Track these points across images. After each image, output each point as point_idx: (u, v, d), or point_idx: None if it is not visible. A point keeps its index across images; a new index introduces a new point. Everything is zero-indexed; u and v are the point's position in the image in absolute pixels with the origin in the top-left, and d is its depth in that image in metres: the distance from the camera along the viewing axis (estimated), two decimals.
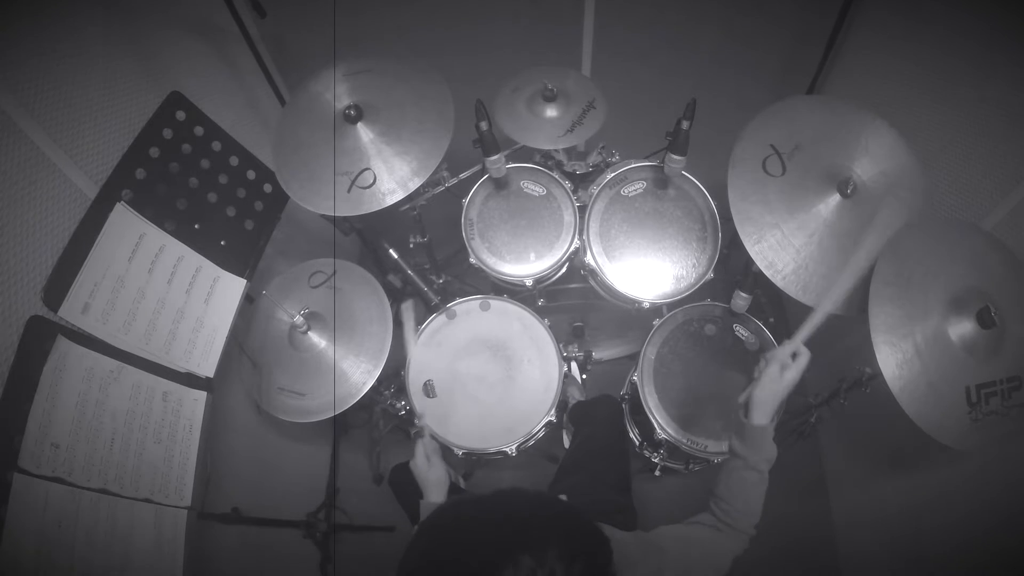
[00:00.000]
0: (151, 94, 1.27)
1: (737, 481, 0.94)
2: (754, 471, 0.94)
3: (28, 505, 0.90)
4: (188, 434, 1.17)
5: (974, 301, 1.06)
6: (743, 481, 0.94)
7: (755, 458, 0.94)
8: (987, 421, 1.05)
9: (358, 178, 1.33)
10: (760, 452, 0.94)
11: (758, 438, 0.95)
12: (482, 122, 1.36)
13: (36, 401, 0.95)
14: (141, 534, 1.04)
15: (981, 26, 1.28)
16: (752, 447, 0.95)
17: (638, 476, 1.48)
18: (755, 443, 0.95)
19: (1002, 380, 1.06)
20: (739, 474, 0.95)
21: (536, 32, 1.86)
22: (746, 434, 0.96)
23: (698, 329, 1.51)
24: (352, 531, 1.93)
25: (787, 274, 1.20)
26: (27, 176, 1.01)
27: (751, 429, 0.95)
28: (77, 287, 1.06)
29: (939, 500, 1.48)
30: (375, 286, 1.47)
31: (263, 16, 1.43)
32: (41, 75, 1.06)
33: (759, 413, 0.95)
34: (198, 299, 1.26)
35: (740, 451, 0.96)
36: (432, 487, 1.12)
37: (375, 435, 2.05)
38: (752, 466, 0.94)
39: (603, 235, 1.49)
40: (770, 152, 1.25)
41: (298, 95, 1.46)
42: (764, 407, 0.95)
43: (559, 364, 1.45)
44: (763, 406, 0.95)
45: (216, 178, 1.36)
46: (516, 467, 1.82)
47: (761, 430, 0.95)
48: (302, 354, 1.41)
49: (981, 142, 1.30)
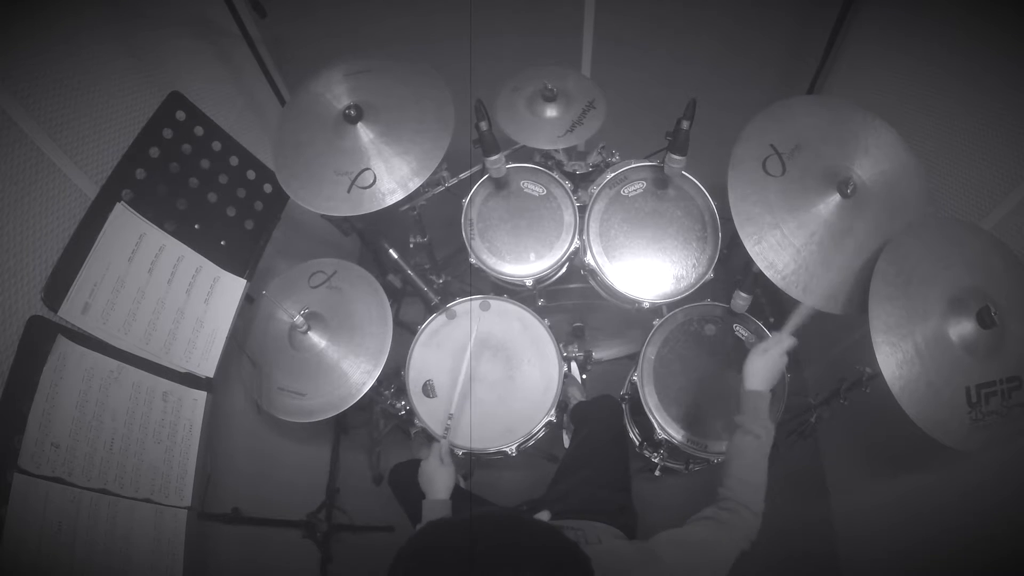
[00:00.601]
0: (151, 94, 1.27)
1: (736, 448, 1.02)
2: (751, 435, 1.01)
3: (28, 505, 0.90)
4: (188, 434, 1.17)
5: (974, 301, 1.06)
6: (742, 447, 1.01)
7: (751, 423, 1.02)
8: (987, 421, 1.04)
9: (358, 178, 1.33)
10: (755, 418, 1.04)
11: (751, 403, 1.06)
12: (482, 122, 1.36)
13: (36, 401, 0.95)
14: (141, 534, 1.04)
15: (981, 26, 1.28)
16: (747, 412, 1.05)
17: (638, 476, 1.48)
18: (750, 408, 1.05)
19: (1002, 380, 1.06)
20: (738, 440, 1.02)
21: (536, 32, 1.86)
22: (742, 401, 1.08)
23: (698, 329, 1.51)
24: (352, 531, 1.93)
25: (787, 274, 1.20)
26: (27, 176, 1.01)
27: (745, 394, 1.08)
28: (77, 287, 1.06)
29: (939, 500, 1.48)
30: (375, 286, 1.47)
31: (263, 16, 1.43)
32: (41, 75, 1.06)
33: (749, 381, 1.09)
34: (198, 299, 1.26)
35: (738, 420, 1.05)
36: (439, 486, 1.17)
37: (375, 435, 2.05)
38: (749, 430, 1.02)
39: (603, 235, 1.49)
40: (770, 152, 1.25)
41: (298, 95, 1.46)
42: (753, 376, 1.09)
43: (559, 364, 1.45)
44: (752, 375, 1.09)
45: (216, 178, 1.36)
46: (516, 467, 1.82)
47: (753, 395, 1.07)
48: (302, 354, 1.41)
49: (981, 142, 1.30)
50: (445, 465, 1.19)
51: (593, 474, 1.37)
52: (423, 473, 1.20)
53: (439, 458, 1.20)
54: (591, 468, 1.40)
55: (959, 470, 1.39)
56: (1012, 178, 1.22)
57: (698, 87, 1.40)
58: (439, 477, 1.18)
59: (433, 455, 1.20)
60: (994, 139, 1.27)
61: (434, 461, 1.19)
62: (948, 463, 1.41)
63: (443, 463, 1.20)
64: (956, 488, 1.41)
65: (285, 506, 1.71)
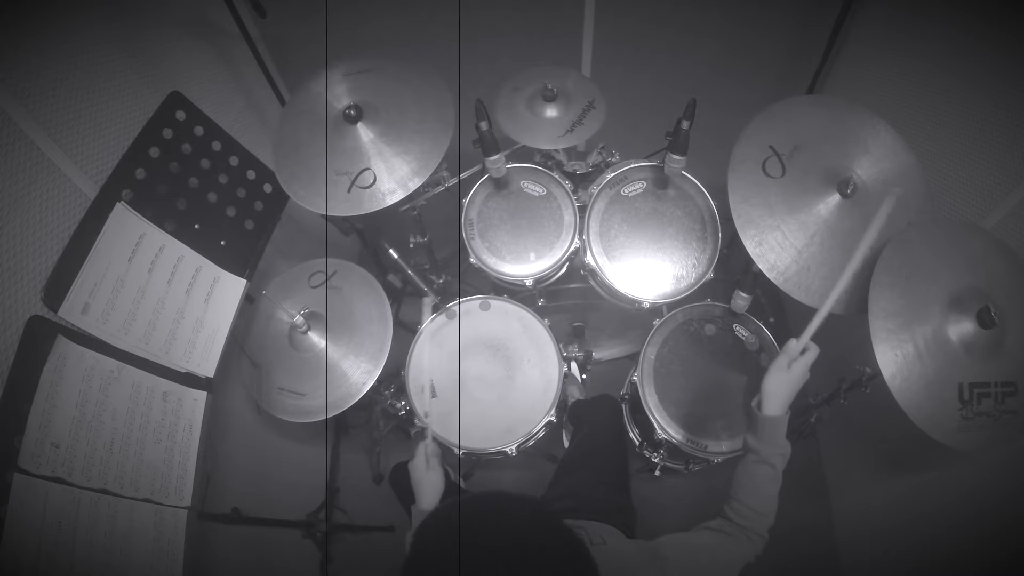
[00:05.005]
0: (151, 94, 1.27)
1: (749, 476, 0.94)
2: (767, 465, 0.94)
3: (28, 505, 0.90)
4: (188, 434, 1.17)
5: (974, 301, 1.06)
6: (755, 476, 0.94)
7: (768, 451, 0.94)
8: (977, 422, 1.04)
9: (358, 178, 1.33)
10: (773, 445, 0.94)
11: (769, 429, 0.95)
12: (482, 122, 1.36)
13: (36, 401, 0.95)
14: (141, 534, 1.04)
15: (981, 26, 1.28)
16: (764, 439, 0.95)
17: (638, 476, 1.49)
18: (767, 435, 0.95)
19: (997, 383, 1.06)
20: (752, 468, 0.94)
21: (536, 32, 1.86)
22: (758, 426, 0.96)
23: (698, 329, 1.51)
24: (352, 531, 1.93)
25: (789, 276, 1.20)
26: (27, 176, 1.01)
27: (762, 420, 0.95)
28: (77, 287, 1.06)
29: (939, 500, 1.48)
30: (375, 286, 1.47)
31: (263, 16, 1.43)
32: (41, 75, 1.06)
33: (769, 403, 0.96)
34: (198, 299, 1.26)
35: (753, 444, 0.96)
36: (427, 492, 1.11)
37: (375, 435, 2.05)
38: (764, 459, 0.94)
39: (603, 235, 1.49)
40: (769, 154, 1.25)
41: (298, 95, 1.46)
42: (773, 398, 0.96)
43: (559, 364, 1.45)
44: (772, 396, 0.96)
45: (216, 178, 1.36)
46: (516, 467, 1.82)
47: (771, 421, 0.95)
48: (302, 354, 1.41)
49: (981, 142, 1.30)
50: (432, 468, 1.12)
51: (592, 474, 1.37)
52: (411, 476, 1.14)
53: (425, 459, 1.12)
54: (590, 468, 1.40)
55: (959, 470, 1.39)
56: (1012, 178, 1.22)
57: (698, 87, 1.40)
58: (426, 482, 1.11)
59: (419, 456, 1.13)
60: (994, 139, 1.27)
61: (420, 462, 1.12)
62: (948, 463, 1.41)
63: (429, 465, 1.12)
64: (956, 488, 1.41)
65: (285, 506, 1.71)
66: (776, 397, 0.96)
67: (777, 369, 0.97)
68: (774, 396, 0.96)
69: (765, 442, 0.95)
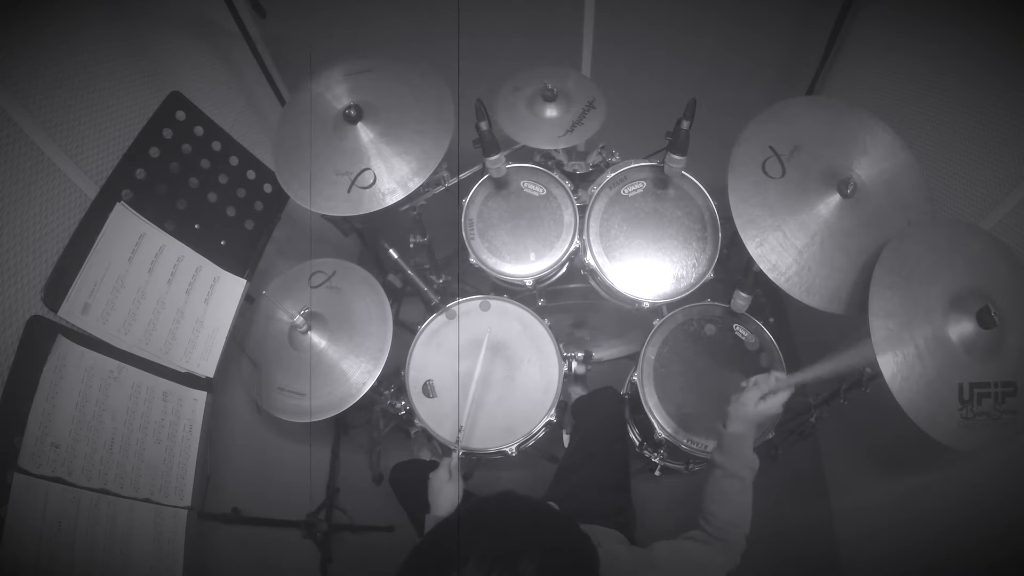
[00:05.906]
0: (151, 94, 1.27)
1: (720, 491, 0.98)
2: (735, 478, 0.98)
3: (28, 505, 0.90)
4: (188, 434, 1.17)
5: (974, 301, 1.06)
6: (725, 490, 0.98)
7: (734, 466, 0.98)
8: (977, 422, 1.04)
9: (358, 178, 1.33)
10: (738, 460, 0.99)
11: (733, 446, 1.00)
12: (482, 122, 1.36)
13: (36, 401, 0.95)
14: (141, 534, 1.04)
15: (981, 26, 1.28)
16: (729, 455, 1.00)
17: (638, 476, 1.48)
18: (731, 451, 1.00)
19: (997, 383, 1.05)
20: (721, 483, 0.99)
21: (536, 32, 1.86)
22: (723, 442, 1.02)
23: (698, 329, 1.51)
24: (352, 531, 1.93)
25: (790, 276, 1.20)
26: (27, 176, 1.01)
27: (726, 437, 1.01)
28: (77, 287, 1.06)
29: (940, 500, 1.48)
30: (375, 286, 1.47)
31: (263, 16, 1.43)
32: (41, 75, 1.06)
33: (733, 423, 1.02)
34: (198, 299, 1.26)
35: (719, 460, 1.01)
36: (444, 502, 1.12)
37: (375, 435, 2.05)
38: (732, 474, 0.98)
39: (603, 235, 1.49)
40: (769, 154, 1.25)
41: (298, 95, 1.46)
42: (737, 421, 1.02)
43: (559, 364, 1.45)
44: (737, 420, 1.02)
45: (216, 178, 1.36)
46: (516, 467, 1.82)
47: (735, 437, 1.01)
48: (302, 354, 1.41)
49: (981, 142, 1.30)
50: (453, 480, 1.14)
51: (592, 475, 1.37)
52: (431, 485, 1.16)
53: (448, 471, 1.14)
54: (590, 469, 1.40)
55: (959, 470, 1.39)
56: (1012, 178, 1.22)
57: (698, 87, 1.40)
58: (445, 492, 1.13)
59: (443, 468, 1.15)
60: (994, 139, 1.27)
61: (443, 474, 1.14)
62: (948, 463, 1.41)
63: (451, 477, 1.14)
64: (956, 488, 1.41)
65: (285, 506, 1.71)
66: (740, 422, 1.02)
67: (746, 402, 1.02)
68: (738, 420, 1.02)
69: (730, 457, 1.00)
